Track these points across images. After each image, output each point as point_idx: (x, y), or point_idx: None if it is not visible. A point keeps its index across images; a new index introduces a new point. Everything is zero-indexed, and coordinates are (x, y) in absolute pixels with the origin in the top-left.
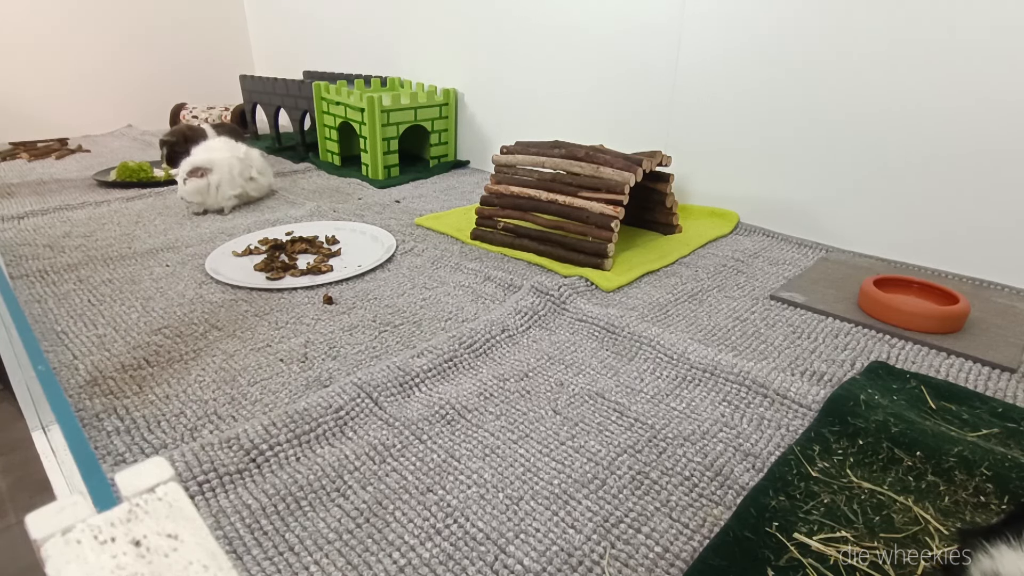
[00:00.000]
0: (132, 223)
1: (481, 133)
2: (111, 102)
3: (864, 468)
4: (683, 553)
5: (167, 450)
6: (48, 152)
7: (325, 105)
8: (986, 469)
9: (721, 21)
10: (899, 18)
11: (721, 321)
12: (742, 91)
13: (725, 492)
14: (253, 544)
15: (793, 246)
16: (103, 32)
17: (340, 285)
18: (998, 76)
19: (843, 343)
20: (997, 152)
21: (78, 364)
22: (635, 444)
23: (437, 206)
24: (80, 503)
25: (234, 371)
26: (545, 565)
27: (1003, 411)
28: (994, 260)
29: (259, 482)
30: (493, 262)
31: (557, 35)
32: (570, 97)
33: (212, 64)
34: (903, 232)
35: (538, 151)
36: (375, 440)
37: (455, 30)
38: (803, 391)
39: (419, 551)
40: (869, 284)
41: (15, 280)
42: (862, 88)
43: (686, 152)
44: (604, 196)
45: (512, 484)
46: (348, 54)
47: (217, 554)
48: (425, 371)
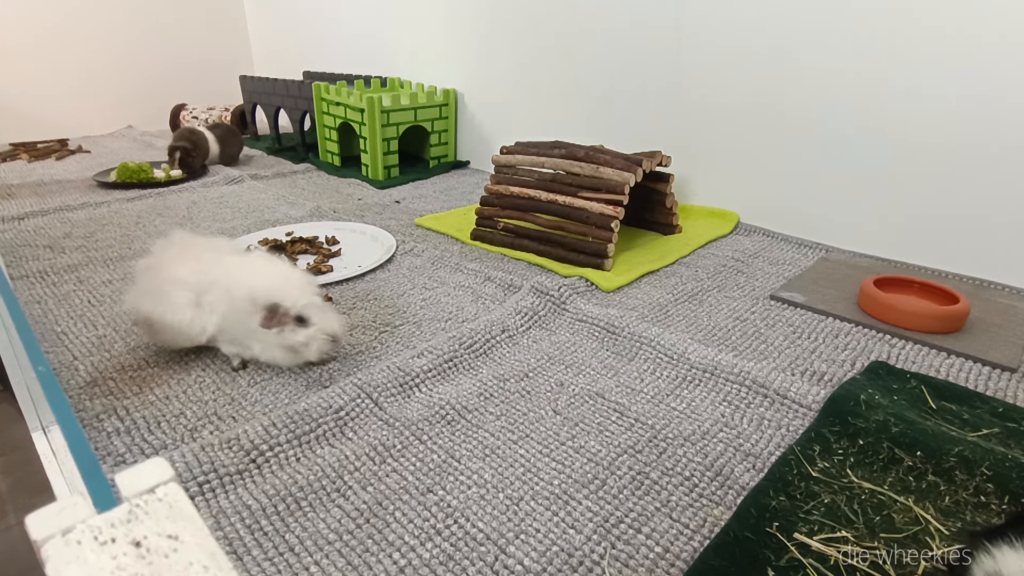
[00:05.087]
0: (132, 224)
1: (481, 133)
2: (111, 103)
3: (864, 468)
4: (683, 553)
5: (167, 451)
6: (48, 153)
7: (325, 105)
8: (986, 469)
9: (721, 21)
10: (900, 18)
11: (721, 321)
12: (742, 91)
13: (725, 492)
14: (253, 545)
15: (793, 246)
16: (103, 33)
17: (340, 285)
18: (998, 77)
19: (843, 343)
20: (997, 152)
21: (78, 365)
22: (635, 444)
23: (437, 206)
24: (80, 504)
25: (234, 371)
26: (545, 565)
27: (1003, 411)
28: (994, 260)
29: (259, 483)
30: (493, 262)
31: (557, 35)
32: (570, 97)
33: (212, 64)
34: (903, 232)
35: (538, 151)
36: (375, 440)
37: (455, 30)
38: (803, 391)
39: (419, 551)
40: (869, 284)
41: (15, 281)
42: (862, 88)
43: (686, 152)
44: (604, 196)
45: (512, 484)
46: (348, 54)
47: (217, 555)
48: (425, 371)
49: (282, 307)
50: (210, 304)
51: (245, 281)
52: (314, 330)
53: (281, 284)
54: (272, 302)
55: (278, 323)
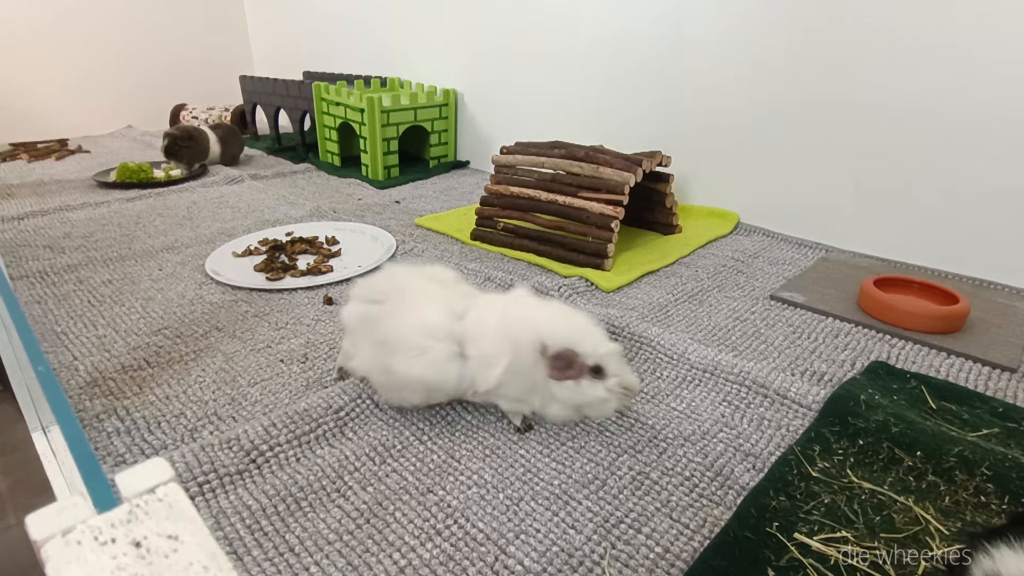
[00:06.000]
0: (132, 224)
1: (481, 133)
2: (111, 103)
3: (864, 468)
4: (683, 553)
5: (167, 451)
6: (48, 153)
7: (325, 106)
8: (986, 469)
9: (721, 21)
10: (900, 19)
11: (721, 321)
12: (742, 91)
13: (725, 492)
14: (253, 545)
15: (793, 246)
16: (103, 32)
17: (340, 286)
18: (999, 77)
19: (843, 343)
20: (998, 152)
21: (78, 365)
22: (635, 444)
23: (437, 206)
24: (80, 504)
25: (234, 372)
26: (545, 566)
27: (1003, 411)
28: (994, 260)
29: (259, 483)
30: (493, 262)
31: (557, 35)
32: (570, 97)
33: (212, 64)
34: (903, 232)
35: (538, 151)
36: (375, 440)
37: (455, 30)
38: (803, 391)
39: (419, 552)
40: (869, 284)
41: (15, 281)
42: (863, 88)
43: (686, 152)
44: (604, 196)
45: (512, 484)
46: (348, 54)
47: (217, 555)
48: None
49: (580, 355)
50: (481, 356)
51: (530, 326)
52: (614, 382)
53: (574, 329)
54: (567, 349)
55: (575, 374)
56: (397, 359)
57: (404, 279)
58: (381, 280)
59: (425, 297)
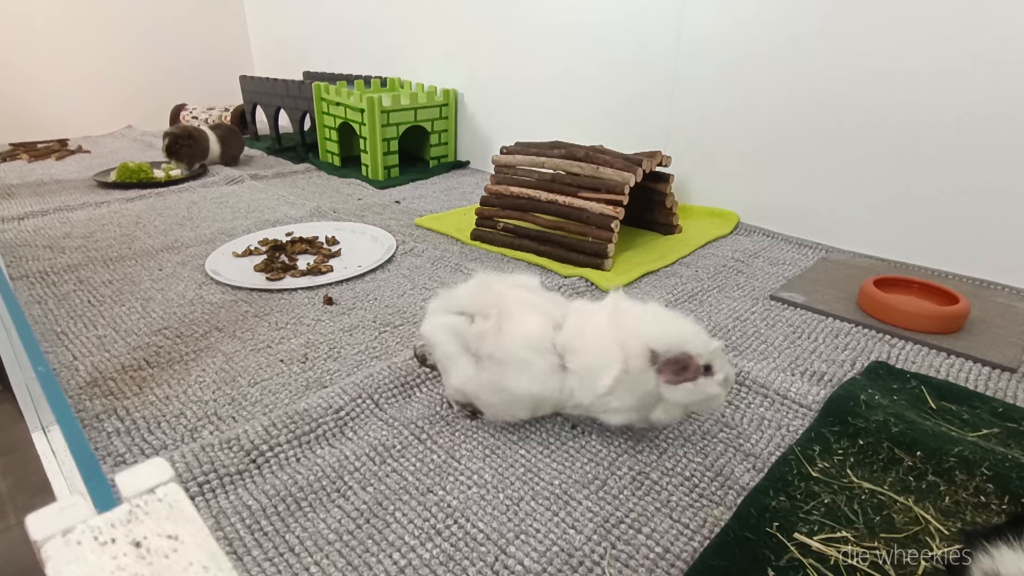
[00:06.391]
0: (132, 224)
1: (481, 133)
2: (111, 103)
3: (864, 468)
4: (684, 553)
5: (167, 451)
6: (48, 153)
7: (325, 106)
8: (986, 469)
9: (721, 22)
10: (900, 18)
11: (721, 321)
12: (742, 91)
13: (725, 492)
14: (253, 545)
15: (793, 246)
16: (103, 33)
17: (340, 286)
18: (999, 77)
19: (843, 343)
20: (998, 152)
21: (78, 365)
22: (636, 444)
23: (437, 206)
24: (80, 504)
25: (234, 372)
26: (545, 566)
27: (1003, 411)
28: (994, 260)
29: (259, 483)
30: (493, 263)
31: (557, 35)
32: (570, 97)
33: (212, 64)
34: (903, 232)
35: (538, 151)
36: (375, 441)
37: (455, 30)
38: (803, 391)
39: (419, 552)
40: (869, 284)
41: (15, 281)
42: (862, 88)
43: (686, 152)
44: (604, 196)
45: (512, 484)
46: (348, 54)
47: (217, 555)
48: (425, 372)
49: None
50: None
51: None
52: (722, 377)
53: (681, 331)
54: (682, 353)
55: (692, 376)
56: (508, 376)
57: (499, 289)
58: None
59: (526, 308)
